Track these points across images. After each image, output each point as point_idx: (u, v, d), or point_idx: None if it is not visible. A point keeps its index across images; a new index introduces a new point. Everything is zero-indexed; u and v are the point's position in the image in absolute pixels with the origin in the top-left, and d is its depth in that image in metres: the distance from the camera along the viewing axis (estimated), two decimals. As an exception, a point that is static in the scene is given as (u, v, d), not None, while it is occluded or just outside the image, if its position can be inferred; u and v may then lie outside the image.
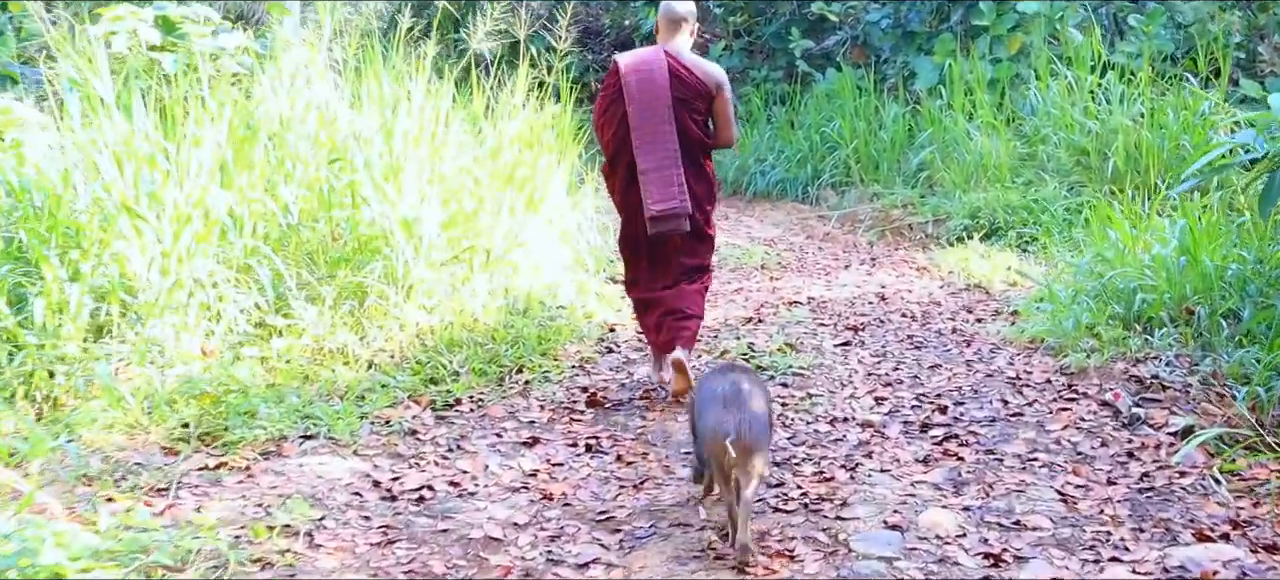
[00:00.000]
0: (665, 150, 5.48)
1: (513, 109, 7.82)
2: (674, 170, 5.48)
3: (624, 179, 5.65)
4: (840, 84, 13.95)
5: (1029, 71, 12.58)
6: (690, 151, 5.57)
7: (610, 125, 5.63)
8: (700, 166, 5.66)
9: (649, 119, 5.48)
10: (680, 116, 5.52)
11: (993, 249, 9.51)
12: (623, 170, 5.64)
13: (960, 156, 11.58)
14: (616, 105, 5.58)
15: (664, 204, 5.47)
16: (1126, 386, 5.61)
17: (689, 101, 5.56)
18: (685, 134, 5.54)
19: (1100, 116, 10.94)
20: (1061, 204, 10.18)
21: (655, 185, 5.48)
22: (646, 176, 5.48)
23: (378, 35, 8.73)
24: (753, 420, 3.84)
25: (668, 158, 5.48)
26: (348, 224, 6.52)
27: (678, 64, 5.57)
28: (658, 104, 5.48)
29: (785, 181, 13.95)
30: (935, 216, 11.05)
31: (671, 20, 5.69)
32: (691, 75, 5.58)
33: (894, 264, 9.53)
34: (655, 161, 5.48)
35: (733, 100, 5.82)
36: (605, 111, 5.66)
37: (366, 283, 6.21)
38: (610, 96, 5.63)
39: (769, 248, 10.55)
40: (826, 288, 8.58)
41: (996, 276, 8.54)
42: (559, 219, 7.97)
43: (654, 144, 5.48)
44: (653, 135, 5.48)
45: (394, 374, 5.74)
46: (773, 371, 6.05)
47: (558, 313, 6.96)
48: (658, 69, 5.52)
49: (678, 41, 5.69)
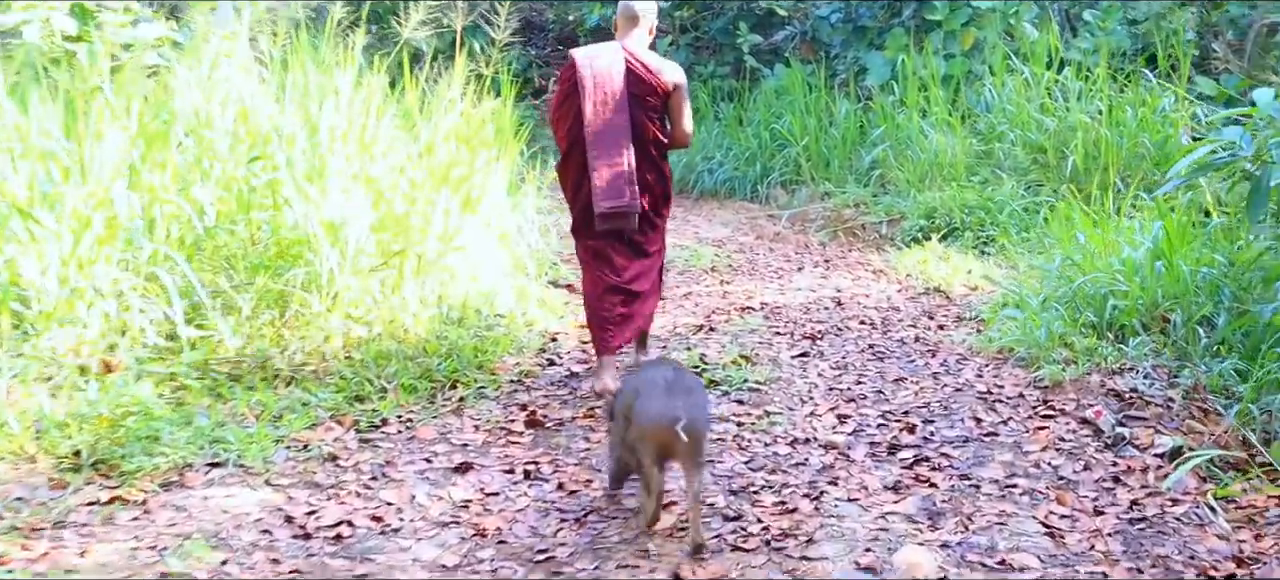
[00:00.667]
0: (618, 147, 5.40)
1: (449, 104, 7.32)
2: (625, 168, 5.40)
3: (576, 174, 5.55)
4: (790, 80, 13.54)
5: (983, 67, 12.25)
6: (645, 149, 5.50)
7: (565, 120, 5.53)
8: (655, 164, 5.59)
9: (603, 115, 5.40)
10: (635, 114, 5.45)
11: (951, 250, 9.13)
12: (575, 165, 5.54)
13: (914, 154, 11.21)
14: (572, 99, 5.49)
15: (613, 201, 5.39)
16: (1106, 402, 5.23)
17: (644, 99, 5.48)
18: (640, 132, 5.47)
19: (1058, 114, 10.62)
20: (1019, 203, 9.84)
21: (605, 182, 5.39)
22: (597, 173, 5.39)
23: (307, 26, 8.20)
24: (699, 406, 3.81)
25: (620, 155, 5.40)
26: (269, 227, 6.01)
27: (635, 61, 5.48)
28: (613, 100, 5.41)
29: (734, 180, 13.51)
30: (889, 216, 10.67)
31: (629, 17, 5.62)
32: (649, 72, 5.48)
33: (849, 266, 9.12)
34: (607, 158, 5.39)
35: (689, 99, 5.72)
36: (560, 106, 5.57)
37: (288, 291, 5.70)
38: (566, 91, 5.52)
39: (718, 249, 10.12)
40: (780, 292, 8.15)
41: (957, 280, 8.16)
42: (498, 220, 7.48)
43: (607, 140, 5.39)
44: (606, 131, 5.40)
45: (316, 391, 5.24)
46: (727, 386, 5.60)
47: (495, 322, 6.47)
48: (614, 65, 5.44)
49: (635, 38, 5.61)
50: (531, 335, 6.55)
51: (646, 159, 5.52)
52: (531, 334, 6.57)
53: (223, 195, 6.09)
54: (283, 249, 5.95)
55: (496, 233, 7.39)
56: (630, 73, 5.45)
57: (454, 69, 7.55)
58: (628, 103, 5.43)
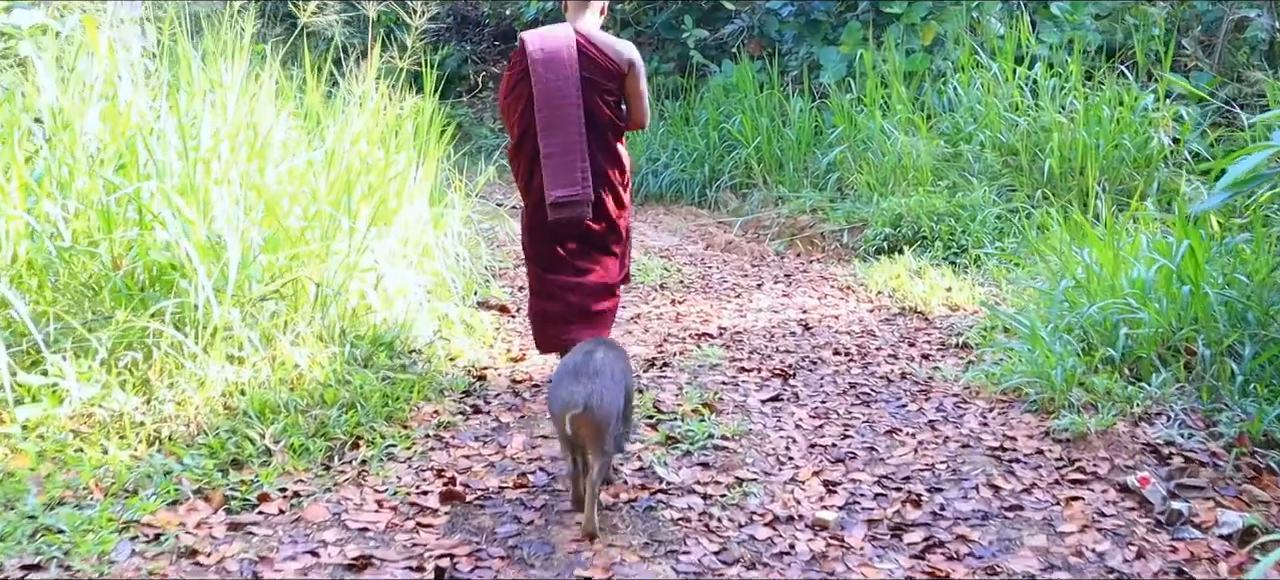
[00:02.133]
0: (570, 134, 5.12)
1: (360, 101, 6.25)
2: (578, 155, 5.13)
3: (528, 162, 5.27)
4: (739, 76, 12.56)
5: (946, 64, 11.35)
6: (601, 134, 5.24)
7: (516, 106, 5.25)
8: (611, 148, 5.31)
9: (555, 100, 5.11)
10: (589, 98, 5.17)
11: (923, 263, 8.20)
12: (527, 153, 5.26)
13: (875, 157, 10.28)
14: (522, 85, 5.20)
15: (565, 190, 5.12)
16: (1142, 461, 4.29)
17: (599, 83, 5.20)
18: (595, 116, 5.20)
19: (1029, 113, 9.74)
20: (991, 210, 8.94)
21: (557, 170, 5.12)
22: (549, 161, 5.12)
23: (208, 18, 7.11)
24: (602, 392, 3.66)
25: (572, 142, 5.12)
26: (136, 249, 4.92)
27: (587, 43, 5.19)
28: (566, 85, 5.11)
29: (681, 182, 12.51)
30: (850, 223, 9.73)
31: None
32: (602, 54, 5.20)
33: (812, 282, 8.15)
34: (559, 145, 5.12)
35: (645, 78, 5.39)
36: (511, 92, 5.28)
37: (155, 327, 4.62)
38: (516, 76, 5.23)
39: (667, 261, 9.12)
40: (739, 313, 7.16)
41: (934, 299, 7.22)
42: (418, 234, 6.43)
43: (559, 127, 5.12)
44: (558, 118, 5.11)
45: (184, 454, 4.18)
46: (689, 444, 4.57)
47: (412, 359, 5.41)
48: (566, 48, 5.14)
49: (587, 20, 5.32)
50: (454, 373, 5.51)
51: (603, 146, 5.24)
52: (454, 371, 5.54)
53: (81, 210, 5.01)
54: (152, 276, 4.87)
55: (416, 249, 6.34)
56: (583, 55, 5.15)
57: (368, 62, 6.50)
58: (581, 86, 5.13)
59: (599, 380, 3.69)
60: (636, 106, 5.35)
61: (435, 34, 18.97)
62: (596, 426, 3.64)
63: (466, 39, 18.91)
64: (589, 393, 3.62)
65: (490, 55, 18.75)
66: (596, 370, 3.73)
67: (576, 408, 3.58)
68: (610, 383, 3.73)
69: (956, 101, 10.55)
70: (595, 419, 3.62)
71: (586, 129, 5.14)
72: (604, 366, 3.77)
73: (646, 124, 5.50)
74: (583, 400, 3.60)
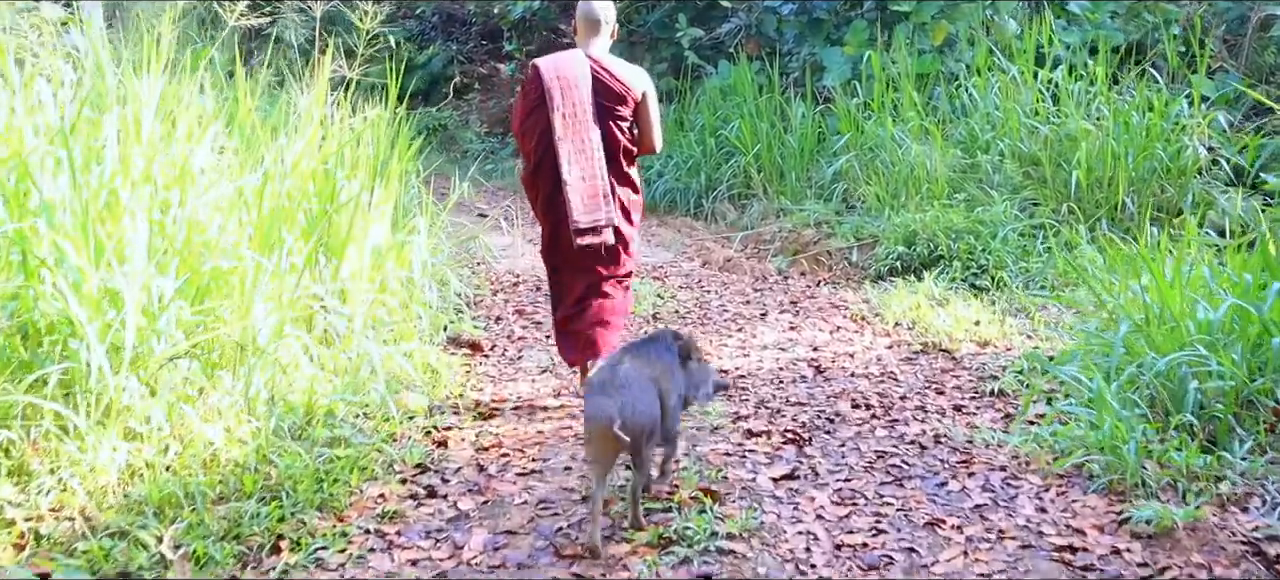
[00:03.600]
0: (591, 160, 5.07)
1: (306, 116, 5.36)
2: (600, 181, 5.08)
3: (548, 188, 5.15)
4: (737, 78, 11.66)
5: (958, 66, 10.46)
6: (615, 159, 5.17)
7: (533, 134, 5.13)
8: (625, 173, 5.26)
9: (573, 128, 5.05)
10: (605, 124, 5.11)
11: (944, 289, 7.32)
12: (546, 179, 5.14)
13: (885, 166, 9.39)
14: (539, 112, 5.09)
15: (591, 216, 5.08)
16: (1248, 571, 3.40)
17: (614, 109, 5.13)
18: (610, 141, 5.14)
19: (1053, 120, 8.85)
20: (1013, 227, 8.06)
21: (581, 197, 5.06)
22: (572, 188, 5.05)
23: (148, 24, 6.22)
24: (634, 402, 3.60)
25: (593, 168, 5.07)
26: (16, 303, 4.01)
27: (601, 68, 5.12)
28: (582, 111, 5.05)
29: (675, 192, 11.61)
30: (858, 239, 8.85)
31: (591, 21, 5.22)
32: (616, 80, 5.12)
33: (822, 311, 7.24)
34: (581, 172, 5.06)
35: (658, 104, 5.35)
36: (527, 118, 5.15)
37: (36, 400, 3.72)
38: (531, 104, 5.12)
39: (660, 284, 8.24)
40: (742, 350, 6.27)
41: (960, 333, 6.33)
42: (376, 267, 5.53)
43: (579, 154, 5.06)
44: (578, 145, 5.05)
45: (57, 568, 3.28)
46: (688, 543, 3.65)
47: (356, 428, 4.49)
48: (581, 75, 5.07)
49: (598, 44, 5.22)
50: (408, 443, 4.60)
51: (618, 171, 5.19)
52: (408, 439, 4.63)
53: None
54: (35, 335, 3.97)
55: (371, 284, 5.45)
56: (598, 82, 5.08)
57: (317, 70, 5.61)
58: (597, 113, 5.07)
59: (628, 391, 3.62)
60: (648, 133, 5.27)
61: (421, 34, 18.07)
62: (633, 436, 3.55)
63: (453, 38, 17.99)
64: (621, 405, 3.54)
65: (477, 55, 17.84)
66: (624, 382, 3.66)
67: (607, 422, 3.49)
68: (640, 391, 3.67)
69: (971, 107, 9.67)
70: (629, 430, 3.52)
71: (604, 155, 5.07)
72: (631, 377, 3.70)
73: (659, 149, 5.43)
74: (614, 413, 3.51)
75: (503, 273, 8.49)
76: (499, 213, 11.48)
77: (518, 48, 15.93)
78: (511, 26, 16.37)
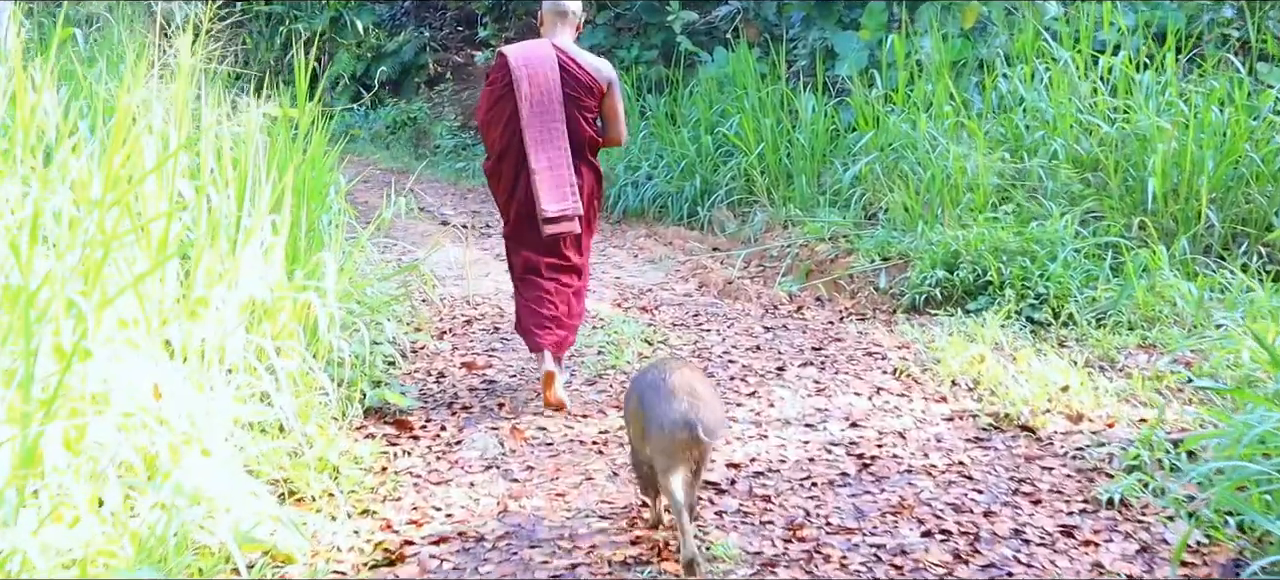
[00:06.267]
0: (558, 149, 4.93)
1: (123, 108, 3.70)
2: (565, 169, 4.95)
3: (511, 178, 4.99)
4: (736, 66, 9.97)
5: (991, 52, 8.81)
6: (580, 150, 5.03)
7: (498, 123, 4.97)
8: (592, 166, 5.13)
9: (541, 116, 4.90)
10: (571, 114, 4.97)
11: (1009, 334, 5.70)
12: (510, 169, 4.98)
13: (912, 170, 7.75)
14: (505, 101, 4.93)
15: (558, 205, 4.92)
16: None
17: (580, 99, 4.98)
18: (576, 132, 5.00)
19: (1114, 116, 7.25)
20: (1074, 246, 6.44)
21: (548, 186, 4.91)
22: (539, 177, 4.90)
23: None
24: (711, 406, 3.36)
25: (560, 157, 4.94)
26: None
27: (568, 59, 4.97)
28: (550, 101, 4.91)
29: (666, 197, 9.90)
30: (884, 258, 7.21)
31: (559, 12, 5.11)
32: (583, 70, 4.98)
33: (852, 360, 5.57)
34: (548, 161, 4.92)
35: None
36: (492, 108, 4.99)
37: None
38: (498, 92, 4.96)
39: (649, 316, 6.60)
40: (756, 425, 4.61)
41: (1042, 399, 4.70)
42: (259, 327, 3.89)
43: (546, 143, 4.92)
44: (545, 134, 4.92)
45: None
46: None
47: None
48: (548, 64, 4.93)
49: (565, 36, 5.10)
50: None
51: (584, 161, 5.06)
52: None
53: None
54: None
55: (245, 347, 3.79)
56: (565, 72, 4.95)
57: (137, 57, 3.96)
58: (563, 102, 4.94)
59: (697, 397, 3.32)
60: (614, 124, 5.15)
61: (391, 19, 16.40)
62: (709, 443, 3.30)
63: (425, 24, 16.28)
64: (696, 408, 3.27)
65: (452, 42, 16.14)
66: (689, 388, 3.34)
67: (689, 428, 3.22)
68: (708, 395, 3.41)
69: (1011, 100, 8.04)
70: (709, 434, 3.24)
71: (570, 145, 4.96)
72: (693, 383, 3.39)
73: (624, 141, 5.32)
74: (695, 418, 3.24)
75: (458, 302, 6.83)
76: (464, 218, 9.83)
77: (494, 33, 14.22)
78: (486, 11, 14.67)
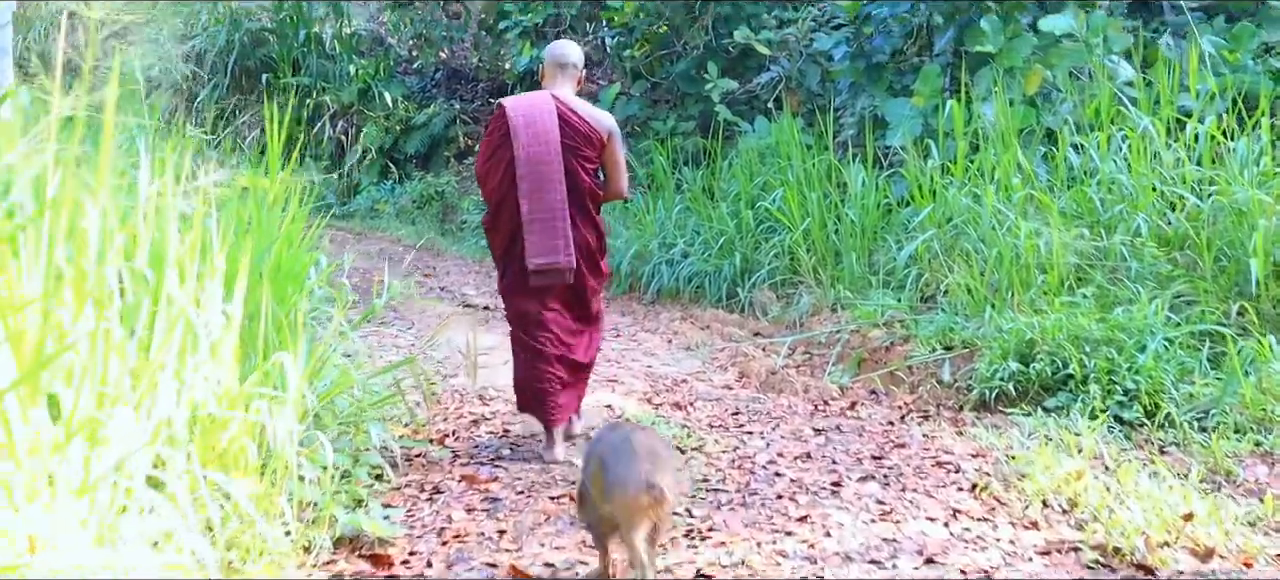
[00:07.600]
0: (553, 199, 4.80)
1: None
2: (561, 222, 4.82)
3: (508, 230, 4.89)
4: (779, 136, 9.22)
5: (1056, 118, 8.00)
6: (580, 201, 4.91)
7: (496, 172, 4.89)
8: (592, 220, 4.99)
9: (537, 166, 4.80)
10: (569, 164, 4.86)
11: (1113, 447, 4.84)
12: (507, 220, 4.88)
13: (975, 249, 6.93)
14: (503, 150, 4.86)
15: (546, 257, 4.81)
16: None
17: (578, 149, 4.88)
18: (575, 182, 4.87)
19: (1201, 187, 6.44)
20: (1166, 335, 5.59)
21: (539, 236, 4.80)
22: (531, 226, 4.80)
23: None
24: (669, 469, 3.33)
25: (555, 208, 4.81)
26: None
27: (567, 109, 4.88)
28: (547, 151, 4.81)
29: (703, 277, 9.10)
30: (947, 347, 6.37)
31: (559, 63, 5.04)
32: (582, 121, 4.88)
33: (920, 472, 4.69)
34: (542, 211, 4.80)
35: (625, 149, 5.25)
36: (490, 157, 4.93)
37: None
38: (496, 142, 4.91)
39: (682, 412, 5.79)
40: (810, 563, 3.72)
41: (1160, 530, 3.83)
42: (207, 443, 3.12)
43: (541, 193, 4.80)
44: (541, 183, 4.80)
45: None
46: None
47: None
48: (547, 113, 4.85)
49: (564, 87, 5.01)
50: None
51: (583, 214, 4.91)
52: None
53: None
54: None
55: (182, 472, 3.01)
56: (564, 122, 4.84)
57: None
58: (562, 153, 4.82)
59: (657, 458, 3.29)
60: (615, 176, 5.03)
61: (422, 91, 15.84)
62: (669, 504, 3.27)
63: (456, 96, 15.69)
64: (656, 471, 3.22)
65: (483, 114, 15.55)
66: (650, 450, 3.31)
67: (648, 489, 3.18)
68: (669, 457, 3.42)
69: (1082, 171, 7.22)
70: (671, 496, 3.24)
71: (567, 196, 4.82)
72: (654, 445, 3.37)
73: (625, 194, 5.23)
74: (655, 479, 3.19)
75: (468, 399, 6.04)
76: (487, 299, 9.09)
77: (527, 104, 13.64)
78: (517, 80, 14.07)
